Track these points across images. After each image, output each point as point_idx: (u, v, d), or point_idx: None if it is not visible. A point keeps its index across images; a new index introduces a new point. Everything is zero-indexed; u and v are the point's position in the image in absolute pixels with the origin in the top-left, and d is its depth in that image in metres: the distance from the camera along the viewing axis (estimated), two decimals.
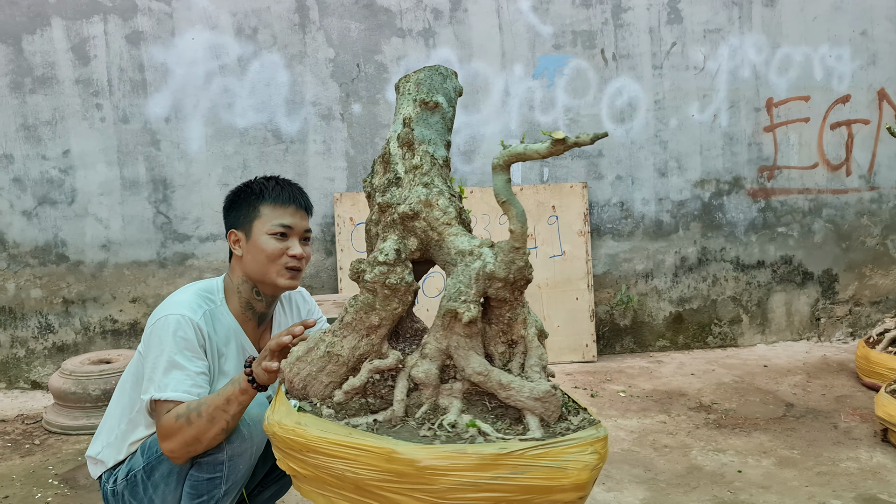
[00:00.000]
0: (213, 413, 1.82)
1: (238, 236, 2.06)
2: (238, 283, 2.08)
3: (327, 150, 4.62)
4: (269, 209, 2.02)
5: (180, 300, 1.99)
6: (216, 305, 2.05)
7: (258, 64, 4.52)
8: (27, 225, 4.45)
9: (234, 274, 2.09)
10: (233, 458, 1.94)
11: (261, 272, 2.02)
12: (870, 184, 5.11)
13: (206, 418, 1.82)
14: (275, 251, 2.00)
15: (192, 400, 1.87)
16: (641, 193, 4.91)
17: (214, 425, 1.83)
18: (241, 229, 2.05)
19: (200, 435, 1.83)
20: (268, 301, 2.11)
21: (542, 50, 4.74)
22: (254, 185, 2.07)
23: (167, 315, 1.94)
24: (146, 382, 1.92)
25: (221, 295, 2.08)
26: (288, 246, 2.01)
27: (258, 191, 2.05)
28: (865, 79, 5.00)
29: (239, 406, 1.83)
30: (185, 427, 1.82)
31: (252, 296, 2.08)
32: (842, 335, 5.20)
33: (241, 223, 2.05)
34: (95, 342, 4.55)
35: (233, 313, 2.07)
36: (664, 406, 3.85)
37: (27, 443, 3.59)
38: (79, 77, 4.39)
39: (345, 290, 4.55)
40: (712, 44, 4.85)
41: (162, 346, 1.91)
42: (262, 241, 2.00)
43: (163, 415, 1.87)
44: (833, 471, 2.95)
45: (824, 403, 3.83)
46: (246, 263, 2.04)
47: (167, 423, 1.84)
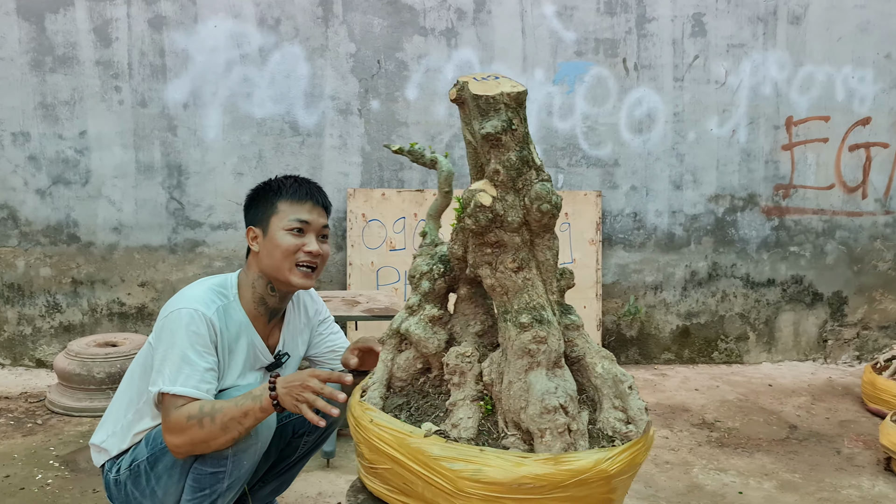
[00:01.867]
0: (228, 423, 1.82)
1: (256, 233, 2.07)
2: (254, 278, 2.08)
3: (343, 145, 4.61)
4: (286, 205, 2.03)
5: (194, 294, 1.99)
6: (229, 301, 2.05)
7: (279, 55, 4.51)
8: (40, 203, 4.46)
9: (251, 270, 2.09)
10: (237, 453, 1.94)
11: (276, 268, 2.02)
12: (885, 208, 5.08)
13: (219, 425, 1.82)
14: (290, 247, 2.00)
15: (206, 401, 1.87)
16: (655, 205, 4.89)
17: (226, 434, 1.83)
18: (259, 226, 2.06)
19: (210, 440, 1.84)
20: (281, 296, 2.11)
21: (564, 56, 4.72)
22: (272, 183, 2.09)
23: (180, 309, 1.94)
24: (155, 374, 1.92)
25: (235, 290, 2.08)
26: (304, 242, 2.02)
27: (276, 187, 2.07)
28: (887, 102, 4.96)
29: (255, 422, 1.84)
30: (196, 429, 1.82)
31: (266, 291, 2.08)
32: (848, 358, 5.17)
33: (259, 220, 2.06)
34: (102, 324, 4.56)
35: (245, 309, 2.08)
36: (667, 421, 3.84)
37: (30, 422, 3.60)
38: (99, 59, 4.39)
39: (353, 287, 4.55)
40: (735, 59, 4.82)
41: (173, 339, 1.91)
42: (279, 236, 2.01)
43: (171, 409, 1.86)
44: (834, 498, 2.94)
45: (828, 427, 3.81)
46: (262, 259, 2.05)
47: (177, 419, 1.84)
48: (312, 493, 2.82)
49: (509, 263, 1.59)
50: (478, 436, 1.60)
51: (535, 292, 1.61)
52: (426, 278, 1.72)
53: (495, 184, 1.57)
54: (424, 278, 1.72)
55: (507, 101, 1.51)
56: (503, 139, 1.52)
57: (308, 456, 2.32)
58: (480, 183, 1.58)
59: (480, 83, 1.54)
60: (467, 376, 1.65)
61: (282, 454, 2.24)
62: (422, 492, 1.55)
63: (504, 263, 1.59)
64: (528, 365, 1.56)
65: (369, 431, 1.58)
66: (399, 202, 4.61)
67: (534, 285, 1.61)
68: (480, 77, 1.57)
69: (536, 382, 1.54)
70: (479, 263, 1.62)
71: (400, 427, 1.57)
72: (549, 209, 1.57)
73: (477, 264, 1.63)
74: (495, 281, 1.61)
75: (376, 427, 1.58)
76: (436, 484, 1.51)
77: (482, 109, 1.52)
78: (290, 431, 2.21)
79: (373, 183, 4.66)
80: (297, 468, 2.35)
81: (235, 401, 1.84)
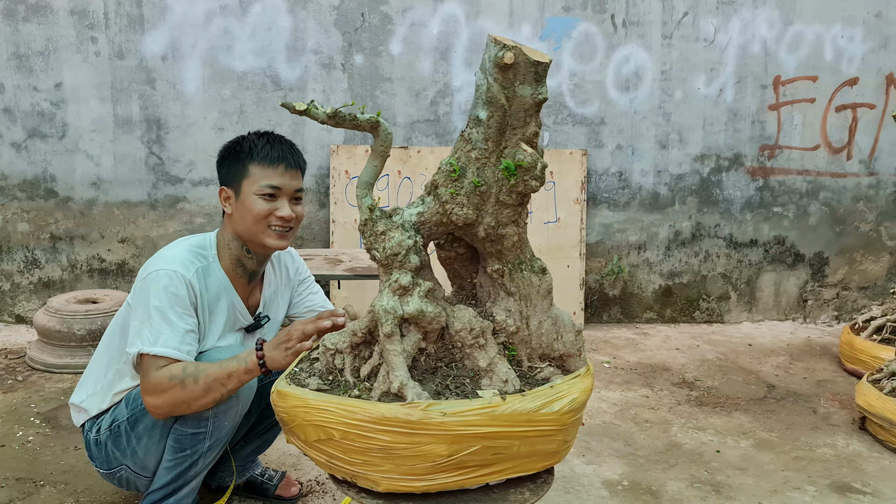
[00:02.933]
0: (211, 384, 1.82)
1: (228, 193, 2.02)
2: (229, 239, 2.05)
3: (326, 101, 4.53)
4: (257, 168, 1.98)
5: (173, 255, 1.96)
6: (208, 262, 2.02)
7: (260, 6, 4.39)
8: (16, 157, 4.37)
9: (226, 231, 2.06)
10: (218, 414, 1.94)
11: (249, 231, 1.99)
12: (869, 169, 5.09)
13: (202, 386, 1.82)
14: (262, 212, 1.96)
15: (189, 362, 1.85)
16: (641, 164, 4.87)
17: (208, 395, 1.83)
18: (231, 187, 2.02)
19: (192, 401, 1.83)
20: (258, 259, 2.09)
21: (552, 11, 4.63)
22: (244, 143, 2.02)
23: (158, 270, 1.91)
24: (133, 336, 1.90)
25: (214, 251, 2.05)
26: (276, 207, 1.98)
27: (248, 149, 2.00)
28: (875, 62, 4.93)
29: (239, 383, 1.84)
30: (178, 389, 1.81)
31: (242, 253, 2.05)
32: (827, 318, 5.23)
33: (231, 181, 2.01)
34: (82, 280, 4.51)
35: (224, 270, 2.05)
36: (647, 380, 3.88)
37: (10, 378, 3.58)
38: (74, 8, 4.26)
39: (336, 244, 4.52)
40: (724, 16, 4.76)
41: (151, 300, 1.89)
42: (251, 201, 1.97)
43: (152, 370, 1.85)
44: (809, 456, 2.99)
45: (805, 387, 3.86)
46: (235, 222, 2.01)
47: (158, 380, 1.83)
48: (294, 451, 2.83)
49: (525, 218, 1.73)
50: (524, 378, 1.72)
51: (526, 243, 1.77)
52: (413, 252, 1.66)
53: (532, 146, 1.65)
54: (412, 252, 1.65)
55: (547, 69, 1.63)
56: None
57: None
58: (524, 146, 1.64)
59: (527, 49, 1.60)
60: (488, 335, 1.68)
61: (263, 413, 2.24)
62: (518, 449, 1.60)
63: (523, 219, 1.71)
64: (550, 303, 1.77)
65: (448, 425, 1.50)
66: None
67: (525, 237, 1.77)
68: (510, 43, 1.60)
69: (562, 315, 1.79)
70: (506, 223, 1.68)
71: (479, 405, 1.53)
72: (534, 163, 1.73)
73: (502, 224, 1.68)
74: (519, 237, 1.71)
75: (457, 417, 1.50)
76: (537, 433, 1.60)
77: (539, 76, 1.59)
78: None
79: (356, 139, 4.59)
80: (278, 427, 2.35)
81: (220, 363, 1.84)
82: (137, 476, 2.07)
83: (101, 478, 2.51)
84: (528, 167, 1.62)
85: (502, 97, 1.59)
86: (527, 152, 1.63)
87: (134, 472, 2.06)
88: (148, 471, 2.05)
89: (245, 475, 2.41)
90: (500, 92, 1.59)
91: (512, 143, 1.63)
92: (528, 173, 1.63)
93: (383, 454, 1.51)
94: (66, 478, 2.58)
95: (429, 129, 4.64)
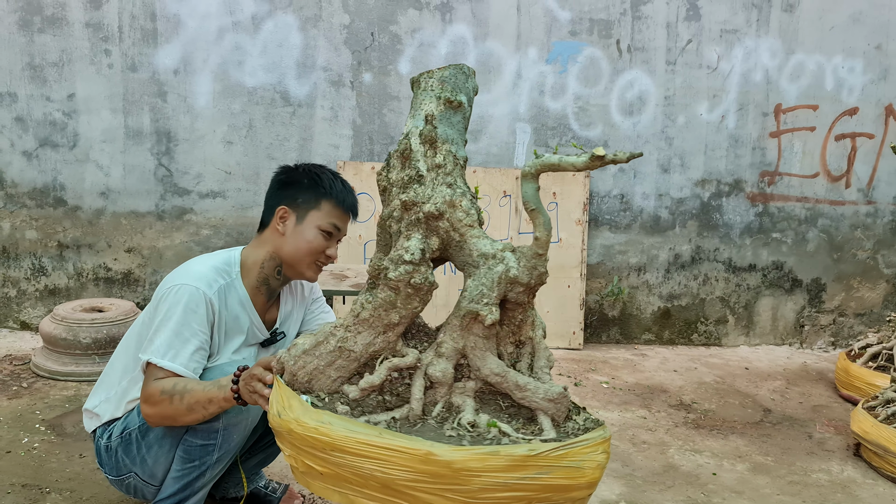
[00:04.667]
0: (194, 405, 1.88)
1: (288, 214, 2.07)
2: (264, 258, 2.10)
3: (334, 117, 4.60)
4: (330, 207, 2.05)
5: (197, 271, 2.01)
6: (231, 280, 2.06)
7: (272, 24, 4.47)
8: (27, 165, 4.43)
9: (263, 248, 2.10)
10: (228, 427, 1.98)
11: (295, 258, 2.06)
12: (867, 198, 5.16)
13: (185, 405, 1.88)
14: (318, 246, 2.06)
15: (181, 378, 1.92)
16: (642, 187, 4.93)
17: (191, 414, 1.90)
18: (296, 211, 2.06)
19: (177, 417, 1.91)
20: (284, 280, 2.16)
21: (558, 35, 4.71)
22: (324, 178, 2.08)
23: (182, 285, 1.96)
24: (147, 343, 1.97)
25: (238, 268, 2.09)
26: (328, 245, 2.07)
27: (328, 185, 2.06)
28: (875, 93, 5.02)
29: (219, 409, 1.89)
30: (167, 404, 1.89)
31: (272, 274, 2.11)
32: (823, 344, 5.28)
33: (298, 205, 2.06)
34: (87, 288, 4.56)
35: (246, 287, 2.09)
36: (645, 401, 3.92)
37: (15, 384, 3.61)
38: (89, 20, 4.34)
39: (340, 259, 4.56)
40: (727, 44, 4.84)
41: (171, 313, 1.94)
42: (313, 233, 2.05)
43: (151, 380, 1.93)
44: (805, 481, 3.03)
45: (801, 412, 3.91)
46: (284, 243, 2.07)
47: (152, 391, 1.91)
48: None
49: None
50: None
51: None
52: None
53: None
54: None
55: None
56: None
57: None
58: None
59: None
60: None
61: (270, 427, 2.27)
62: None
63: None
64: None
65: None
66: None
67: None
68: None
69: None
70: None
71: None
72: None
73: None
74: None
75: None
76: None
77: None
78: None
79: (363, 156, 4.66)
80: None
81: (204, 385, 1.89)
82: (145, 484, 2.11)
83: (106, 486, 2.55)
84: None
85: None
86: None
87: (142, 479, 2.10)
88: (156, 479, 2.09)
89: (249, 487, 2.45)
90: None
91: None
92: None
93: None
94: (71, 485, 2.61)
95: None
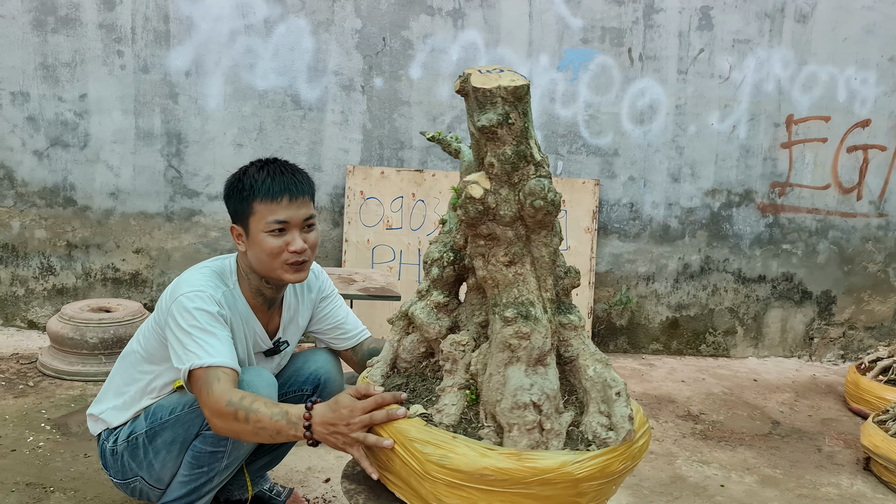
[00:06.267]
0: (259, 430, 1.73)
1: (239, 231, 1.99)
2: (246, 272, 2.04)
3: (345, 122, 4.60)
4: (262, 205, 1.91)
5: (198, 280, 1.96)
6: (229, 288, 2.03)
7: (284, 27, 4.48)
8: (37, 165, 4.44)
9: (242, 263, 2.05)
10: None
11: (265, 269, 1.97)
12: (879, 210, 5.12)
13: (251, 427, 1.73)
14: (274, 249, 1.92)
15: (247, 394, 1.78)
16: (652, 196, 4.91)
17: (256, 437, 1.77)
18: (240, 225, 1.99)
19: (240, 434, 1.78)
20: (277, 288, 2.08)
21: (570, 43, 4.70)
22: (245, 179, 1.95)
23: (189, 291, 1.92)
24: (179, 356, 1.87)
25: (234, 277, 2.05)
26: (288, 241, 1.93)
27: (249, 185, 1.93)
28: (888, 105, 4.99)
29: (286, 440, 1.75)
30: (233, 420, 1.75)
31: (262, 284, 2.05)
32: (833, 356, 5.24)
33: (239, 219, 1.98)
34: (95, 288, 4.56)
35: (245, 297, 2.06)
36: (653, 411, 3.89)
37: (21, 383, 3.61)
38: (102, 21, 4.35)
39: (348, 263, 4.56)
40: (740, 54, 4.83)
41: (188, 321, 1.87)
42: (260, 239, 1.92)
43: (212, 384, 1.80)
44: (813, 494, 3.00)
45: (810, 424, 3.87)
46: (250, 259, 1.99)
47: (217, 401, 1.77)
48: (302, 468, 2.85)
49: (501, 257, 1.58)
50: (458, 423, 1.61)
51: (527, 288, 1.60)
52: (436, 265, 1.76)
53: (490, 176, 1.55)
54: (435, 265, 1.76)
55: (504, 95, 1.49)
56: (499, 133, 1.51)
57: None
58: (476, 175, 1.56)
59: (483, 76, 1.52)
60: (458, 364, 1.66)
61: None
62: (398, 470, 1.59)
63: (496, 256, 1.59)
64: (507, 359, 1.57)
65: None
66: (398, 181, 4.61)
67: (525, 281, 1.60)
68: (486, 69, 1.55)
69: (513, 377, 1.55)
70: (474, 255, 1.63)
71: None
72: (542, 205, 1.54)
73: (472, 255, 1.64)
74: (487, 273, 1.61)
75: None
76: (409, 464, 1.55)
77: (480, 102, 1.50)
78: None
79: (372, 161, 4.65)
80: (289, 445, 2.38)
81: (272, 411, 1.72)
82: (151, 488, 2.09)
83: (110, 486, 2.55)
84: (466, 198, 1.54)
85: (470, 125, 1.57)
86: (467, 181, 1.56)
87: (148, 483, 2.08)
88: (162, 483, 2.08)
89: (253, 490, 2.43)
90: (468, 119, 1.58)
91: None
92: (471, 204, 1.54)
93: None
94: (75, 485, 2.60)
95: (444, 154, 4.69)
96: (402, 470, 1.59)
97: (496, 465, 1.48)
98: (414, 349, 1.78)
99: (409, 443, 1.55)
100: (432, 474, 1.51)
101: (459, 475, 1.49)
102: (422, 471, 1.52)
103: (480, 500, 1.51)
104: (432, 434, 1.55)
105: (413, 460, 1.54)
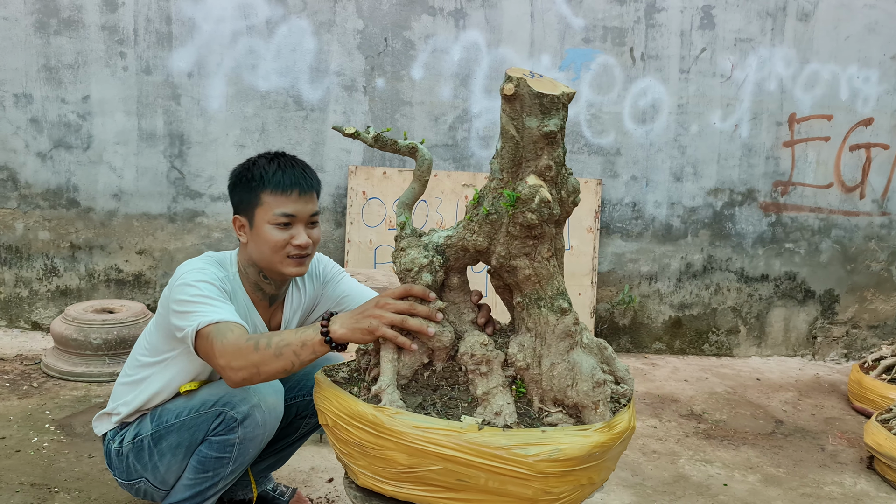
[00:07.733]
0: (283, 349, 1.68)
1: (242, 222, 2.00)
2: (245, 265, 2.04)
3: (347, 122, 4.61)
4: (270, 197, 1.92)
5: (199, 263, 1.97)
6: (229, 275, 2.03)
7: (286, 28, 4.49)
8: (41, 166, 4.45)
9: (242, 256, 2.05)
10: (244, 441, 1.96)
11: (266, 261, 1.97)
12: (882, 209, 5.12)
13: (273, 350, 1.68)
14: (278, 241, 1.92)
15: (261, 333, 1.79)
16: (655, 196, 4.91)
17: (279, 361, 1.69)
18: (244, 216, 1.99)
19: (261, 365, 1.70)
20: (277, 284, 2.08)
21: (572, 42, 4.71)
22: (254, 169, 1.95)
23: (191, 270, 1.91)
24: (186, 320, 1.82)
25: (235, 269, 2.05)
26: (293, 234, 1.93)
27: (259, 176, 1.94)
28: (890, 103, 4.98)
29: (313, 355, 1.69)
30: (251, 352, 1.70)
31: (260, 279, 2.05)
32: (836, 356, 5.24)
33: (244, 210, 1.98)
34: (99, 290, 4.57)
35: (245, 289, 2.06)
36: (656, 410, 3.90)
37: (25, 384, 3.62)
38: (105, 23, 4.36)
39: (350, 264, 4.56)
40: (742, 53, 4.82)
41: (192, 291, 1.85)
42: (265, 230, 1.93)
43: (226, 334, 1.75)
44: (817, 493, 3.00)
45: (813, 424, 3.87)
46: (251, 251, 1.99)
47: (235, 340, 1.73)
48: (305, 468, 2.86)
49: (545, 253, 1.67)
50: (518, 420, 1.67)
51: (560, 278, 1.72)
52: (427, 271, 1.73)
53: (545, 179, 1.63)
54: (425, 271, 1.73)
55: (565, 101, 1.59)
56: (558, 136, 1.59)
57: (307, 436, 2.34)
58: (533, 178, 1.62)
59: (536, 81, 1.58)
60: (493, 364, 1.69)
61: (282, 433, 2.24)
62: (485, 483, 1.57)
63: (541, 253, 1.67)
64: (569, 346, 1.68)
65: (409, 436, 1.55)
66: (400, 181, 4.61)
67: (560, 271, 1.73)
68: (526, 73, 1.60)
69: (582, 361, 1.68)
70: (517, 255, 1.67)
71: (446, 425, 1.57)
72: (578, 201, 1.71)
73: (513, 255, 1.68)
74: (532, 271, 1.68)
75: (419, 430, 1.56)
76: (507, 472, 1.55)
77: (545, 108, 1.57)
78: (294, 412, 2.22)
79: (374, 161, 4.66)
80: (294, 447, 2.38)
81: (294, 330, 1.71)
82: (156, 489, 2.10)
83: (115, 486, 2.56)
84: (525, 199, 1.60)
85: (511, 128, 1.61)
86: (526, 184, 1.61)
87: (153, 485, 2.09)
88: (167, 485, 2.08)
89: (258, 490, 2.44)
90: (509, 122, 1.61)
91: (526, 174, 1.64)
92: (525, 206, 1.60)
93: (359, 449, 1.63)
94: (80, 485, 2.61)
95: (446, 154, 4.70)
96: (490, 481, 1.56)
97: (598, 440, 1.60)
98: (414, 363, 1.72)
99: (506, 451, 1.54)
100: (546, 472, 1.55)
101: (572, 462, 1.57)
102: (533, 472, 1.54)
103: (582, 478, 1.61)
104: (521, 436, 1.56)
105: (519, 466, 1.53)
